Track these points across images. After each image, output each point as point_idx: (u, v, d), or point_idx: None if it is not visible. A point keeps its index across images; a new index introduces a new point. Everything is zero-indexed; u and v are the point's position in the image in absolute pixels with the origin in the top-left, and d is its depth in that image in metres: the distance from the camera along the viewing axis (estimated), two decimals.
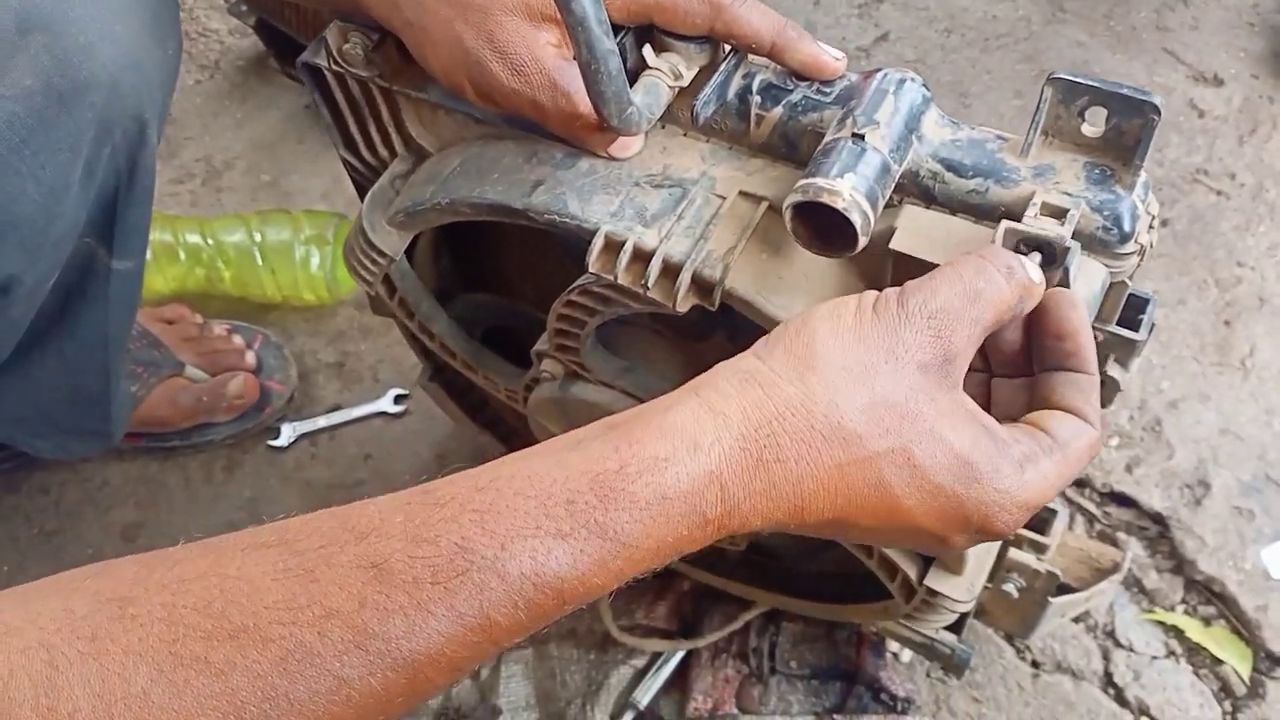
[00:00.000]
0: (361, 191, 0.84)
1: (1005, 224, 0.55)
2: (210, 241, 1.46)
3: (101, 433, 1.22)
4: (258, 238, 1.46)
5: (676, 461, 0.49)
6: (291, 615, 0.45)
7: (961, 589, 0.82)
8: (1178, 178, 1.55)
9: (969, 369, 0.56)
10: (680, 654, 1.16)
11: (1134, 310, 0.64)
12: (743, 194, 0.65)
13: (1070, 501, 1.29)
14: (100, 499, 1.37)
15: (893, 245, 0.60)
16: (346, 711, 0.46)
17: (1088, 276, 0.59)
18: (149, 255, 1.42)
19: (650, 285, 0.64)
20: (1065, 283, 0.55)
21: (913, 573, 0.82)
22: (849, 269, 0.65)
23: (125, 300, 1.07)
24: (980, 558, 0.82)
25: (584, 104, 0.63)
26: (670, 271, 0.64)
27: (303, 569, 0.46)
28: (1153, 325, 0.65)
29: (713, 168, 0.67)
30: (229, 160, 1.69)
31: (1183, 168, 1.56)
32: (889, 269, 0.62)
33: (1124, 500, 1.29)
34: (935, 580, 0.82)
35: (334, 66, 0.73)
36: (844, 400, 0.51)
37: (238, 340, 1.44)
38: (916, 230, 0.61)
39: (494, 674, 1.17)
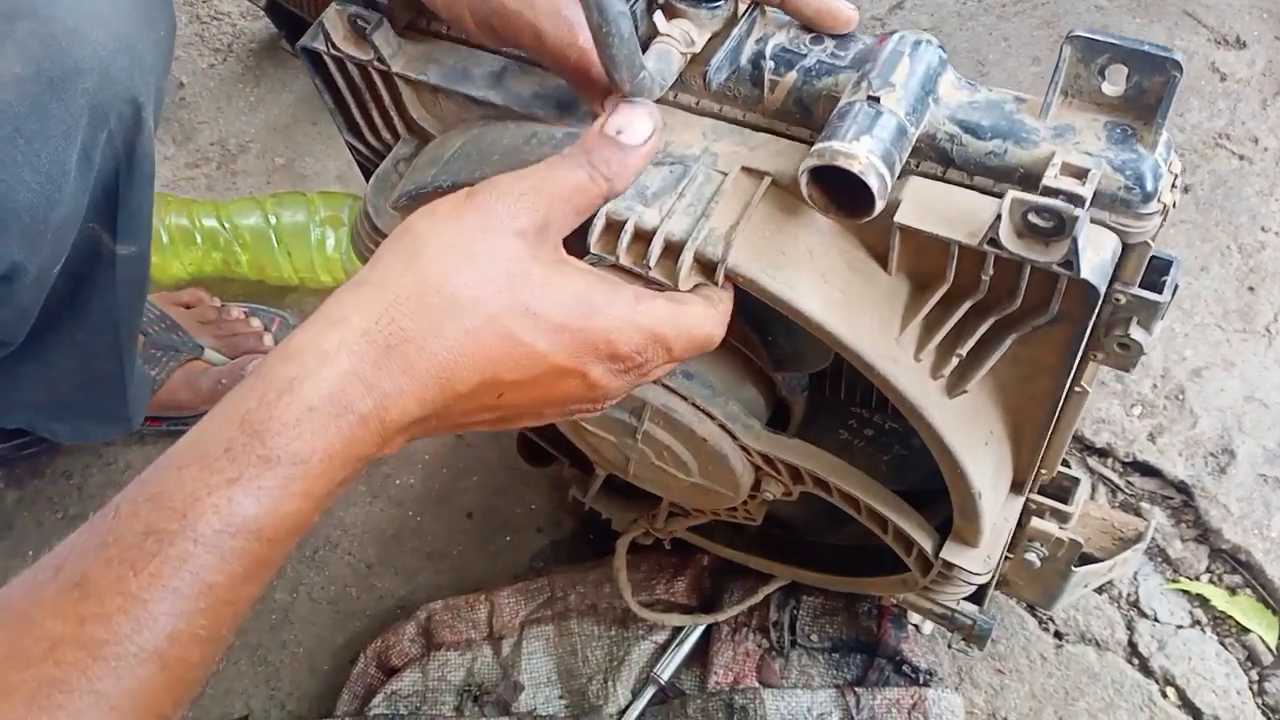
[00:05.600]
0: (368, 175, 0.83)
1: (1011, 194, 0.55)
2: (226, 225, 1.47)
3: (120, 417, 1.23)
4: (273, 220, 1.46)
5: (309, 374, 0.52)
6: (22, 660, 0.46)
7: (978, 561, 0.81)
8: (1199, 142, 1.53)
9: None
10: (701, 628, 1.16)
11: (1157, 272, 0.63)
12: (745, 170, 0.64)
13: (1092, 471, 1.28)
14: (123, 483, 1.37)
15: (898, 219, 0.59)
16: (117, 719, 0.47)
17: (1097, 245, 0.58)
18: (165, 240, 1.43)
19: (652, 265, 0.63)
20: (1074, 252, 0.55)
21: (928, 546, 0.81)
22: (854, 243, 0.64)
23: (133, 284, 1.08)
24: (996, 529, 0.82)
25: (584, 35, 0.62)
26: (672, 251, 0.63)
27: (16, 618, 0.48)
28: (1176, 287, 0.64)
29: (714, 143, 0.66)
30: (243, 143, 1.69)
31: (1204, 132, 1.54)
32: (896, 242, 0.62)
33: (1147, 469, 1.28)
34: (951, 553, 0.81)
35: (333, 51, 0.73)
36: (453, 274, 0.56)
37: (256, 323, 1.44)
38: (922, 202, 0.60)
39: (515, 650, 1.18)
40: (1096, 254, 0.57)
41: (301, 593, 1.30)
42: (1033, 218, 0.55)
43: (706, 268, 0.63)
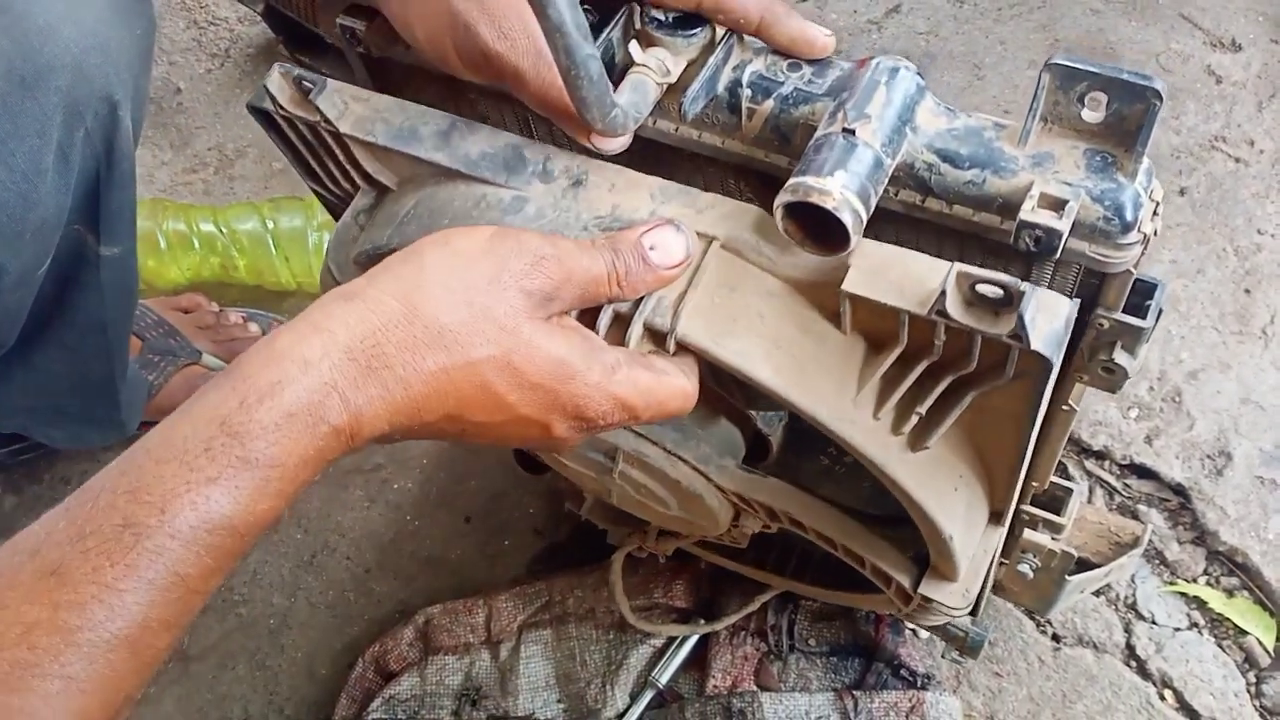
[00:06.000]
0: (335, 215, 0.83)
1: (956, 267, 0.55)
2: (224, 230, 1.47)
3: (114, 422, 1.23)
4: (271, 225, 1.47)
5: (290, 381, 0.54)
6: None
7: (956, 596, 0.81)
8: (1195, 145, 1.53)
9: None
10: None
11: (1141, 296, 0.63)
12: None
13: (1090, 474, 1.28)
14: None
15: (845, 287, 0.59)
16: (86, 702, 0.49)
17: (1050, 312, 0.57)
18: (163, 245, 1.44)
19: (602, 337, 0.64)
20: (1022, 326, 0.55)
21: (906, 582, 0.81)
22: (805, 304, 0.64)
23: (119, 286, 1.08)
24: (976, 562, 0.81)
25: None
26: (621, 322, 0.64)
27: None
28: (1160, 311, 0.63)
29: (662, 206, 0.66)
30: (241, 148, 1.69)
31: (1200, 135, 1.54)
32: (847, 306, 0.61)
33: (1144, 472, 1.28)
34: (929, 588, 0.81)
35: (280, 112, 0.73)
36: (444, 313, 0.57)
37: (254, 328, 1.45)
38: (871, 269, 0.59)
39: (513, 655, 1.18)
40: (1049, 322, 0.57)
41: (300, 597, 1.30)
42: (980, 288, 0.55)
43: (657, 338, 0.64)
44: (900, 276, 0.59)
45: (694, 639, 1.16)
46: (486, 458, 1.37)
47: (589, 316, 0.64)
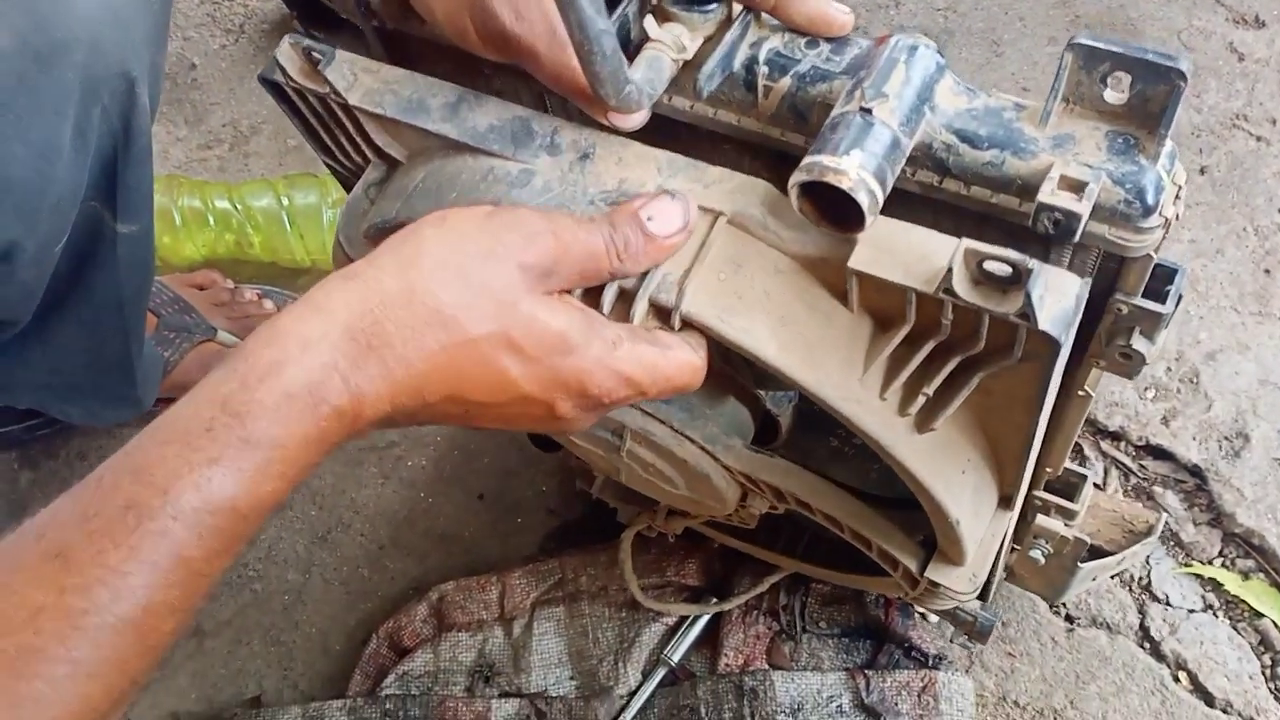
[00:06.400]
0: (348, 188, 0.83)
1: (964, 244, 0.54)
2: (239, 207, 1.47)
3: (130, 399, 1.23)
4: (286, 202, 1.46)
5: (290, 361, 0.53)
6: (3, 627, 0.48)
7: (963, 580, 0.80)
8: (1216, 123, 1.51)
9: None
10: None
11: (1161, 281, 0.62)
12: (699, 208, 0.64)
13: (1105, 455, 1.28)
14: None
15: (851, 263, 0.58)
16: (91, 686, 0.49)
17: (1059, 290, 0.56)
18: (178, 222, 1.44)
19: (606, 314, 0.63)
20: (1029, 305, 0.54)
21: (912, 566, 0.81)
22: (812, 281, 0.63)
23: (136, 263, 1.08)
24: (984, 546, 0.81)
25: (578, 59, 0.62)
26: (626, 298, 0.63)
27: None
28: (1180, 297, 0.63)
29: (669, 179, 0.65)
30: (256, 125, 1.68)
31: (1222, 113, 1.52)
32: (854, 284, 0.61)
33: (1161, 453, 1.28)
34: (936, 572, 0.80)
35: (290, 83, 0.72)
36: (441, 290, 0.57)
37: (269, 305, 1.45)
38: (877, 244, 0.58)
39: (526, 631, 1.18)
40: (1058, 301, 0.55)
41: (314, 574, 1.31)
42: (988, 266, 0.54)
43: (662, 314, 0.63)
44: (907, 253, 0.58)
45: (706, 617, 1.16)
46: (499, 436, 1.37)
47: (594, 296, 0.64)
